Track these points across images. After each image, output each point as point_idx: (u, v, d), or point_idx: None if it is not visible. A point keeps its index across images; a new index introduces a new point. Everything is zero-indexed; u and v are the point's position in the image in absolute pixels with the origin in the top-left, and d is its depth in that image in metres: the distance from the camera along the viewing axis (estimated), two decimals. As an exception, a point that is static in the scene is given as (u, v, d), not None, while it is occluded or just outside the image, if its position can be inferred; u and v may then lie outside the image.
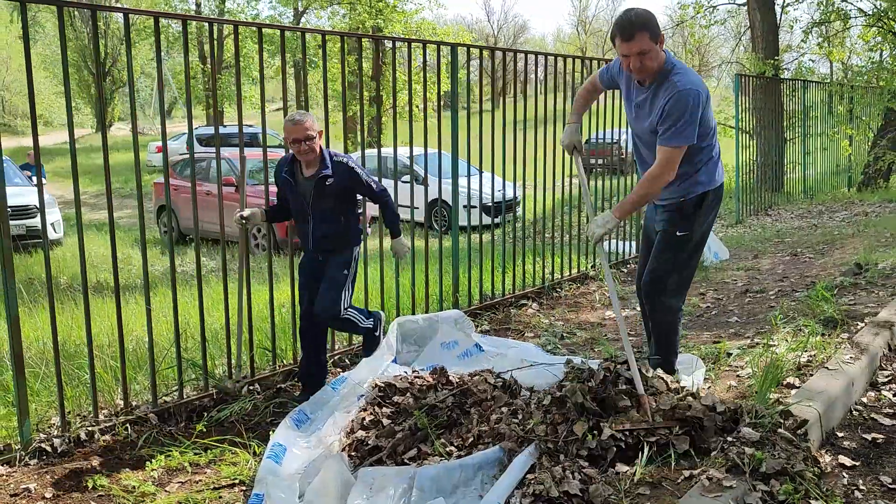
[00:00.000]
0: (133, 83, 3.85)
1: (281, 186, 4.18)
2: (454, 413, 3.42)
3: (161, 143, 4.50)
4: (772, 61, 13.48)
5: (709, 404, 3.05)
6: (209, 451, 3.57)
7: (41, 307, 6.38)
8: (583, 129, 3.90)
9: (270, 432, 3.56)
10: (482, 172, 6.64)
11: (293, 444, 3.46)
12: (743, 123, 11.64)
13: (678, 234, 3.58)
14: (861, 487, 2.89)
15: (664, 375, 3.37)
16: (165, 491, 3.24)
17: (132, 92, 3.87)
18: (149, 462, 3.45)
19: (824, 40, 15.31)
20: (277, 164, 4.20)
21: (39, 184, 3.66)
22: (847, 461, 3.08)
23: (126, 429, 3.77)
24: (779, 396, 3.41)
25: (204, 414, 4.01)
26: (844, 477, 2.96)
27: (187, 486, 3.28)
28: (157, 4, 31.22)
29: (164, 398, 4.12)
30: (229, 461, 3.49)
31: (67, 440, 3.60)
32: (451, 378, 3.69)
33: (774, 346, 4.18)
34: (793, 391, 3.50)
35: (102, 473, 3.35)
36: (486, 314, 5.70)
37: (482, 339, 4.51)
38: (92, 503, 3.16)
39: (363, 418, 3.47)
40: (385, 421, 3.40)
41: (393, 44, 5.26)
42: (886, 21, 13.40)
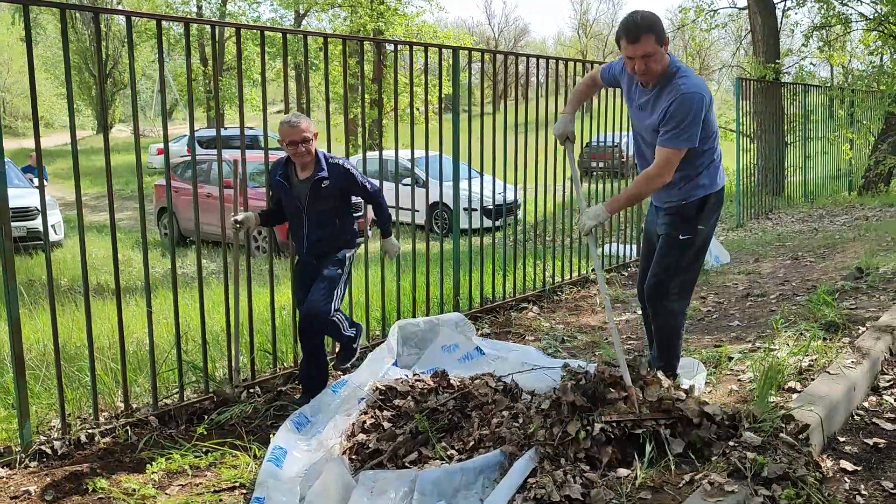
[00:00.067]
0: (135, 85, 3.86)
1: (275, 190, 4.17)
2: (455, 416, 3.41)
3: (162, 145, 4.50)
4: (772, 65, 13.48)
5: (696, 407, 3.04)
6: (209, 454, 3.56)
7: (42, 309, 6.38)
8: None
9: (271, 435, 3.56)
10: (483, 175, 6.64)
11: (294, 448, 3.45)
12: (744, 127, 11.66)
13: (681, 238, 3.57)
14: (863, 492, 2.89)
15: (658, 373, 3.36)
16: (166, 494, 3.23)
17: (134, 94, 3.88)
18: (149, 465, 3.44)
19: (825, 44, 15.31)
20: (271, 168, 4.20)
21: (41, 185, 3.66)
22: (849, 466, 3.08)
23: (126, 431, 3.77)
24: (780, 401, 3.41)
25: (204, 416, 4.01)
26: (846, 482, 2.96)
27: (188, 490, 3.28)
28: (158, 7, 31.28)
29: (165, 401, 4.11)
30: (230, 464, 3.49)
31: (68, 442, 3.60)
32: (452, 381, 3.69)
33: (776, 351, 4.18)
34: (794, 395, 3.50)
35: (102, 476, 3.35)
36: (487, 317, 5.70)
37: (483, 343, 4.50)
38: (92, 506, 3.16)
39: (364, 421, 3.46)
40: (386, 424, 3.40)
41: (395, 47, 5.27)
42: (887, 25, 13.42)
